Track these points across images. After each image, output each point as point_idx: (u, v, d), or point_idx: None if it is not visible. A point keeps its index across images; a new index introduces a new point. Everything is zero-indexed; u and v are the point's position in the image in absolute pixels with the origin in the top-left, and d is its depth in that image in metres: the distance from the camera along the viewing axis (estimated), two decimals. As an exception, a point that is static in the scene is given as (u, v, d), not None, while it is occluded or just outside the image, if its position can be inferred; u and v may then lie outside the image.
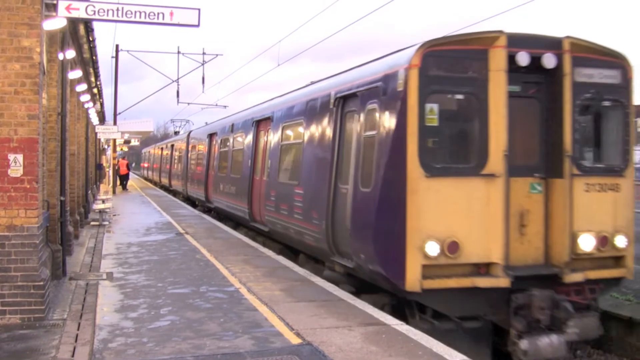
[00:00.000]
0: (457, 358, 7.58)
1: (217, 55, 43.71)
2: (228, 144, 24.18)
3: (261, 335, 8.49)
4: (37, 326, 8.84)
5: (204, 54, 43.35)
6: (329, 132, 12.89)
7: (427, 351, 7.81)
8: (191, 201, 34.92)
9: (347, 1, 23.21)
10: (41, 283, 9.11)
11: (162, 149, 55.94)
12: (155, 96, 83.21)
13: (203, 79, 44.69)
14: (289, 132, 16.57)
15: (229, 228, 21.86)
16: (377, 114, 10.71)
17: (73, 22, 13.95)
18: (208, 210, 28.92)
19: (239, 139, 22.26)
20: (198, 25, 11.36)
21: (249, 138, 20.27)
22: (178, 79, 44.53)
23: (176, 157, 42.84)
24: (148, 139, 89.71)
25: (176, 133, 61.83)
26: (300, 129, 15.01)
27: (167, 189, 47.86)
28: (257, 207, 18.43)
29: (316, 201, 13.08)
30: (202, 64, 43.30)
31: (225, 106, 49.83)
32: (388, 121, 10.32)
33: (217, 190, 25.46)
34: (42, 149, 9.95)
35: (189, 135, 37.73)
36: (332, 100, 12.87)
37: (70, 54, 14.59)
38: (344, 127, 12.44)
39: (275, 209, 16.10)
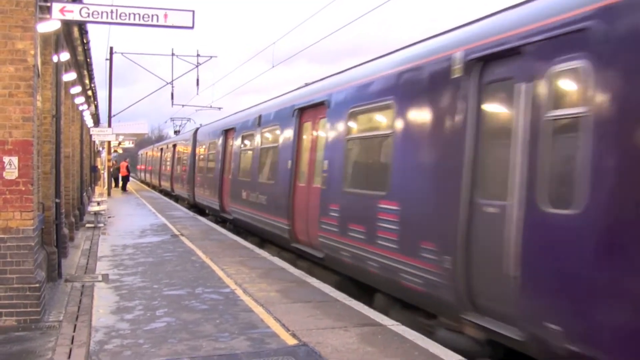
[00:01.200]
0: (454, 358, 7.58)
1: (211, 57, 43.83)
2: (253, 140, 19.89)
3: (257, 336, 8.50)
4: (33, 328, 8.83)
5: (198, 56, 43.50)
6: (452, 116, 8.74)
7: (423, 351, 7.83)
8: (199, 209, 30.65)
9: (343, 2, 22.70)
10: (37, 285, 9.11)
11: (162, 149, 51.79)
12: (149, 98, 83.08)
13: (197, 81, 44.85)
14: (362, 120, 12.33)
15: (224, 230, 21.84)
16: (585, 78, 6.49)
17: (67, 25, 13.94)
18: (222, 221, 24.92)
19: (271, 134, 18.23)
20: (192, 27, 11.36)
21: (288, 132, 16.10)
22: (172, 81, 44.69)
23: (180, 159, 39.05)
24: (142, 141, 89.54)
25: (176, 133, 57.31)
26: (386, 115, 11.01)
27: (169, 194, 43.99)
28: (303, 224, 14.36)
29: (430, 224, 9.10)
30: (197, 66, 43.43)
31: (219, 108, 49.89)
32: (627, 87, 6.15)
33: (236, 199, 21.12)
34: (36, 152, 9.93)
35: (196, 132, 33.60)
36: (456, 67, 8.71)
37: (65, 56, 14.57)
38: (486, 106, 8.32)
39: (340, 230, 12.00)
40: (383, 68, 11.35)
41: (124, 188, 50.73)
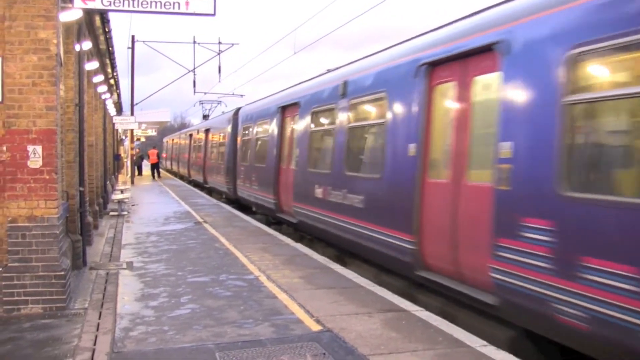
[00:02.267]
0: (477, 344, 7.55)
1: (233, 44, 43.72)
2: (333, 118, 14.73)
3: (281, 322, 8.50)
4: (58, 315, 8.91)
5: (219, 43, 43.39)
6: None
7: (447, 337, 7.80)
8: (241, 205, 26.04)
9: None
10: (62, 273, 9.17)
11: (191, 135, 46.64)
12: (172, 87, 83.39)
13: (219, 68, 44.77)
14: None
15: (247, 216, 21.86)
16: None
17: (89, 14, 14.00)
18: (277, 223, 20.28)
19: (369, 106, 13.15)
20: (214, 14, 11.33)
21: (403, 102, 10.97)
22: (194, 68, 44.62)
23: (214, 145, 33.72)
24: (165, 129, 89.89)
25: (205, 117, 49.81)
26: None
27: (199, 185, 39.26)
28: (444, 246, 9.44)
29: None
30: (218, 54, 43.32)
31: (242, 95, 49.91)
32: None
33: (304, 197, 16.12)
34: (60, 140, 9.99)
35: (237, 113, 28.25)
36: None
37: (87, 45, 14.63)
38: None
39: (561, 269, 7.02)
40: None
41: (157, 175, 52.66)
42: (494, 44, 8.57)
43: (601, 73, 7.23)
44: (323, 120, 16.06)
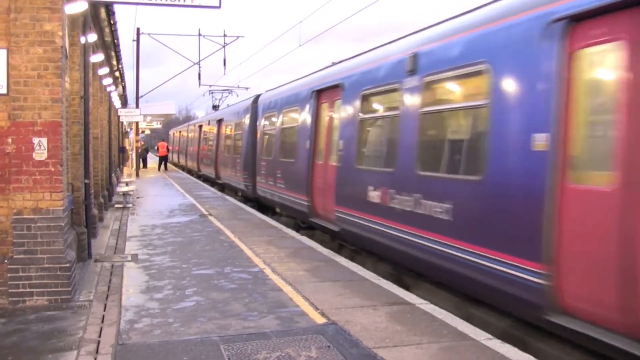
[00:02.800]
0: (483, 337, 7.54)
1: (238, 37, 43.63)
2: (393, 102, 11.79)
3: (286, 315, 8.51)
4: (64, 307, 8.92)
5: (225, 36, 43.33)
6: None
7: (452, 330, 7.79)
8: (260, 205, 23.50)
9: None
10: (67, 265, 9.19)
11: (200, 127, 43.54)
12: (177, 79, 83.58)
13: (224, 61, 44.69)
14: None
15: (252, 209, 21.85)
16: None
17: (94, 6, 14.02)
18: (308, 227, 17.28)
19: (454, 84, 10.27)
20: (219, 7, 11.32)
21: (542, 76, 7.65)
22: (199, 61, 44.59)
23: (229, 137, 30.51)
24: (170, 122, 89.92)
25: (215, 108, 47.24)
26: None
27: (212, 181, 36.08)
28: (597, 281, 6.73)
29: None
30: (224, 46, 43.25)
31: (247, 88, 49.85)
32: None
33: (351, 200, 13.19)
34: (65, 133, 10.00)
35: (256, 101, 25.12)
36: None
37: (92, 37, 14.62)
38: None
39: None
40: None
41: (165, 167, 53.61)
42: None
43: None
44: (379, 104, 13.03)
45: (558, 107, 7.30)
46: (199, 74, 46.95)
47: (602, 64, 7.16)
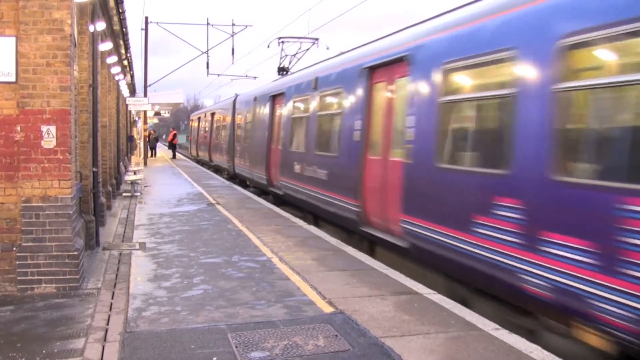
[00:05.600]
0: (490, 327, 7.53)
1: (246, 26, 43.60)
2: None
3: (294, 304, 8.51)
4: (72, 295, 8.95)
5: (233, 25, 43.29)
6: None
7: (459, 320, 7.79)
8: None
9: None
10: (75, 253, 9.21)
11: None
12: (185, 69, 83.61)
13: (233, 50, 44.66)
14: None
15: (260, 198, 21.83)
16: None
17: (103, -6, 13.97)
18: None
19: None
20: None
21: None
22: (208, 50, 44.60)
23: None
24: (178, 111, 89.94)
25: (283, 72, 26.97)
26: None
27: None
28: None
29: None
30: (232, 35, 43.23)
31: (255, 77, 49.79)
32: None
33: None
34: (74, 121, 10.00)
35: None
36: None
37: (101, 25, 14.61)
38: None
39: None
40: None
41: (173, 155, 55.29)
42: None
43: None
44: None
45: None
46: (207, 63, 46.92)
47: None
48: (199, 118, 51.22)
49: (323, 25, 29.81)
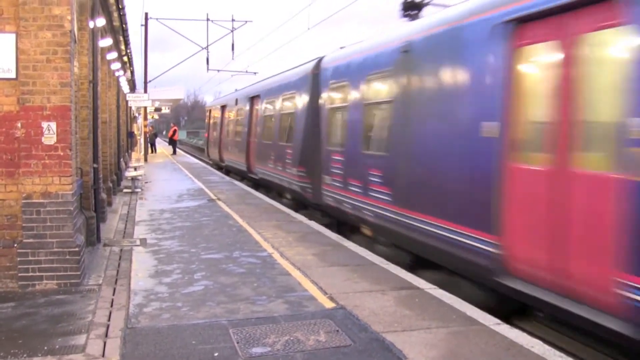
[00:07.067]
0: (491, 322, 7.54)
1: (246, 22, 43.55)
2: None
3: (295, 299, 8.52)
4: (73, 291, 8.95)
5: (233, 20, 43.25)
6: None
7: (460, 315, 7.79)
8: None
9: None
10: (76, 249, 9.21)
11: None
12: (185, 65, 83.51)
13: (233, 45, 44.60)
14: None
15: (261, 194, 21.83)
16: None
17: (102, -10, 13.95)
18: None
19: None
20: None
21: None
22: (207, 46, 44.55)
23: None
24: (178, 107, 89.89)
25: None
26: None
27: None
28: None
29: None
30: (232, 31, 43.18)
31: (255, 72, 49.74)
32: None
33: None
34: (74, 117, 10.00)
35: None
36: None
37: (101, 22, 14.59)
38: None
39: None
40: None
41: (174, 151, 55.41)
42: None
43: None
44: None
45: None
46: (207, 59, 46.89)
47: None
48: (230, 107, 32.94)
49: (324, 20, 29.67)
